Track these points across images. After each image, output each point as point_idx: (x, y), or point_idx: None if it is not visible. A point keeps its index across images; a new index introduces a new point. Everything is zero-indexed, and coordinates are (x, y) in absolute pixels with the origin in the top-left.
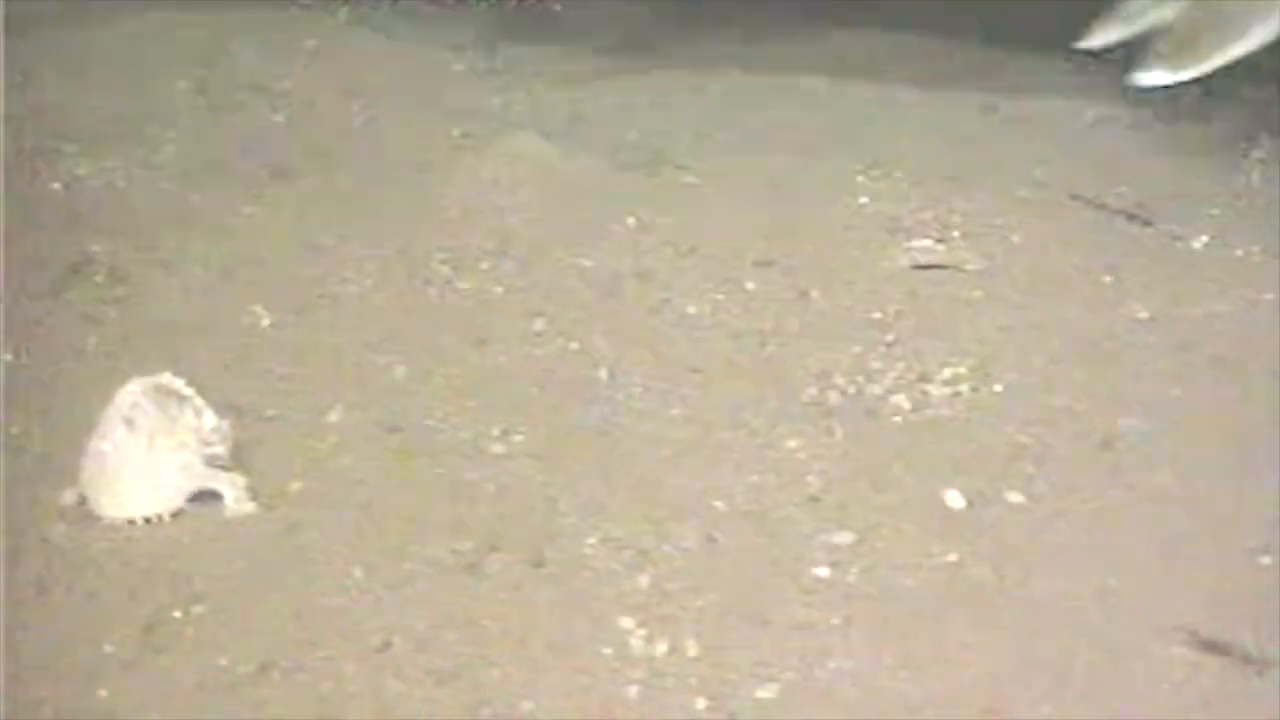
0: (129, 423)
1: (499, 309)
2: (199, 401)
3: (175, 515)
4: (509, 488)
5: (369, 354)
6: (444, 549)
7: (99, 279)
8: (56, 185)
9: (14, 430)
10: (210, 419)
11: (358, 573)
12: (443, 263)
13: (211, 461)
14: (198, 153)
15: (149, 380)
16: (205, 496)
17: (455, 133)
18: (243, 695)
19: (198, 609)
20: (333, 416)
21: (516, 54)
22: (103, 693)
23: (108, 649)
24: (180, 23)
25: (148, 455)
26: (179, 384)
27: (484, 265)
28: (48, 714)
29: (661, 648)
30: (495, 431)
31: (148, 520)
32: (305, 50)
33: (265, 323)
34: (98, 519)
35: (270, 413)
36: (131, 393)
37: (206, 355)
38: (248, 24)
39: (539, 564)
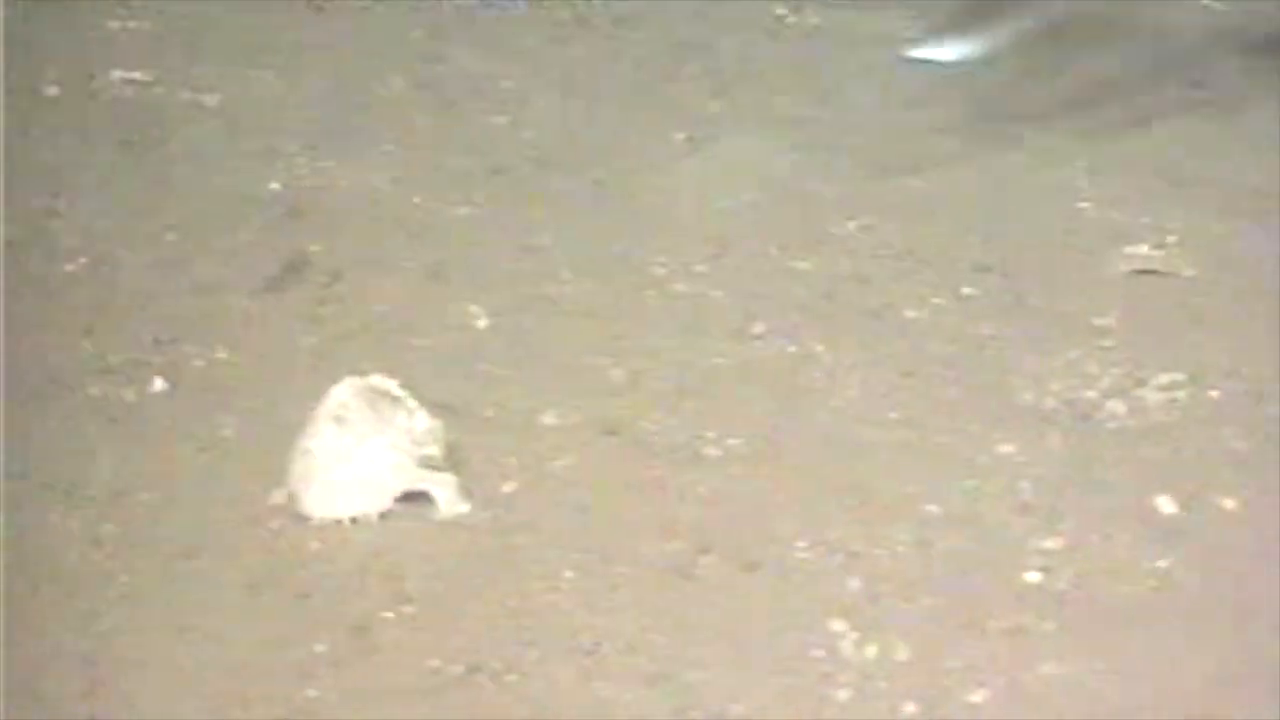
0: (339, 421)
1: (716, 312)
2: (412, 403)
3: (384, 516)
4: (722, 490)
5: (585, 355)
6: (655, 551)
7: (315, 278)
8: (275, 184)
9: (225, 432)
10: (423, 420)
11: (569, 574)
12: (660, 265)
13: (424, 463)
14: (416, 152)
15: (360, 380)
16: (416, 497)
17: (677, 134)
18: (452, 696)
19: (408, 609)
20: (548, 418)
21: (737, 57)
22: (312, 692)
23: (318, 649)
24: (397, 21)
25: (356, 454)
26: (391, 385)
27: (702, 268)
28: (258, 713)
29: (872, 651)
30: (710, 434)
31: (354, 520)
32: (525, 50)
33: (481, 323)
34: (307, 519)
35: (485, 413)
36: (342, 392)
37: (422, 355)
38: (466, 23)
39: (751, 567)
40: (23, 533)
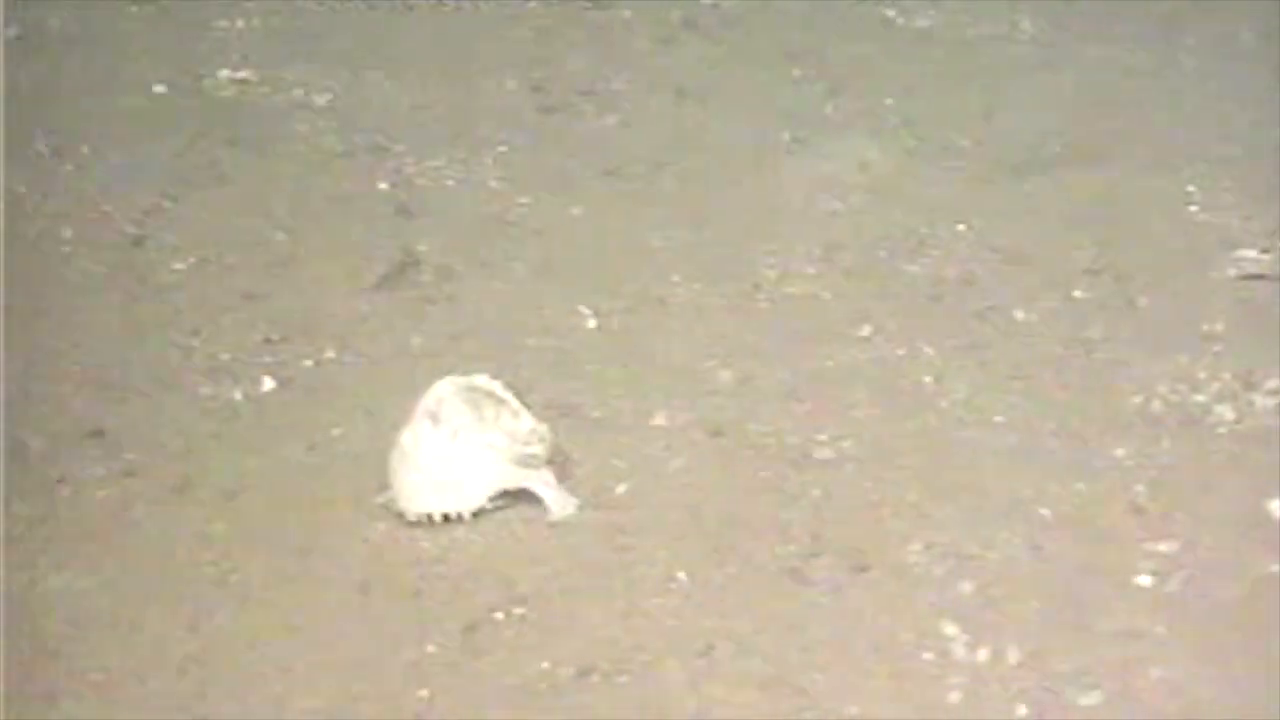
0: (433, 418)
1: (826, 314)
2: (516, 403)
3: (496, 516)
4: (833, 492)
5: (696, 357)
6: (767, 553)
7: (425, 277)
8: (384, 184)
9: (334, 432)
10: (527, 421)
11: (681, 576)
12: (770, 267)
13: (524, 462)
14: (526, 153)
15: (461, 379)
16: (528, 498)
17: (786, 136)
18: (564, 698)
19: (519, 610)
20: (658, 419)
21: (846, 60)
22: (423, 692)
23: (429, 649)
24: (507, 22)
25: (450, 452)
26: (495, 385)
27: (811, 270)
28: (368, 713)
29: (983, 654)
30: (821, 436)
31: (446, 518)
32: (636, 52)
33: (591, 324)
34: (407, 516)
35: (595, 414)
36: (441, 389)
37: (530, 356)
38: (577, 25)
39: (862, 569)
40: (133, 532)
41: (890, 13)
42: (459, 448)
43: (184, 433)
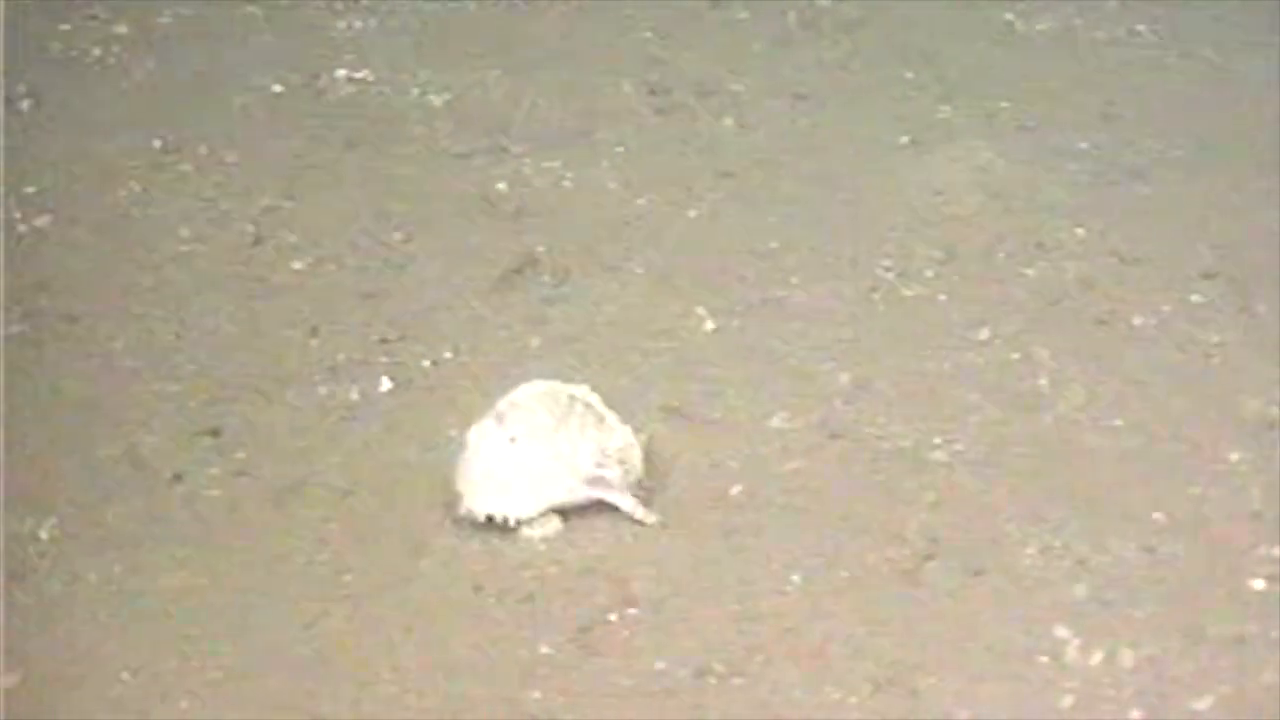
0: (499, 418)
1: (943, 316)
2: (612, 419)
3: (609, 519)
4: (948, 496)
5: (812, 359)
6: (881, 555)
7: (542, 278)
8: (502, 185)
9: (451, 433)
10: (619, 439)
11: (795, 578)
12: (888, 269)
13: (596, 483)
14: (643, 155)
15: (557, 385)
16: (594, 508)
17: (903, 139)
18: (679, 699)
19: (633, 612)
20: (775, 421)
21: (964, 62)
22: (536, 694)
23: (543, 650)
24: (625, 23)
25: (505, 455)
26: (593, 397)
27: (929, 273)
28: (482, 714)
29: (1097, 657)
30: (936, 440)
31: (490, 520)
32: (752, 54)
33: (708, 326)
34: (461, 513)
35: (712, 416)
36: (521, 392)
37: (648, 357)
38: (694, 25)
39: (977, 572)
40: (246, 532)
41: (1009, 16)
42: (518, 452)
43: (300, 432)
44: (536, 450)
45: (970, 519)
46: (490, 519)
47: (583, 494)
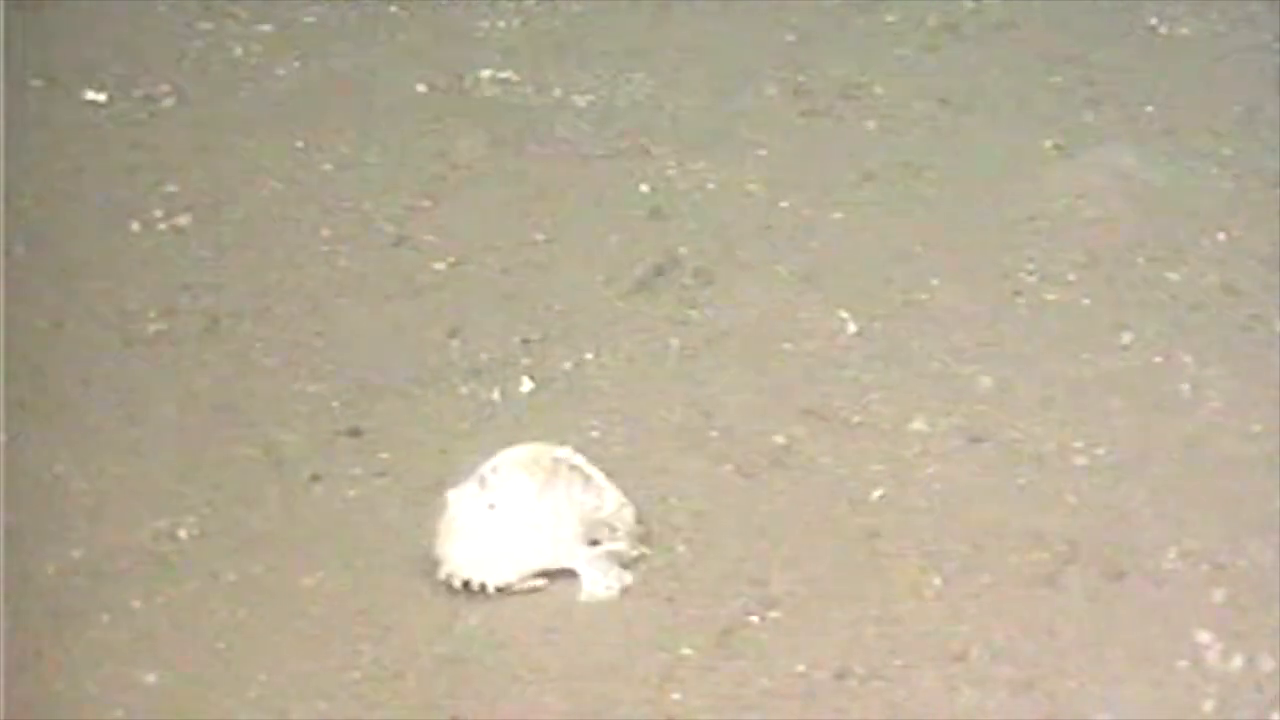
0: (481, 482)
1: (1086, 321)
2: (602, 481)
3: (502, 590)
4: (1089, 499)
5: (955, 362)
6: (1022, 559)
7: (684, 280)
8: (644, 186)
9: (594, 434)
10: (610, 503)
11: (936, 581)
12: (1030, 273)
13: (570, 553)
14: (787, 157)
15: (541, 449)
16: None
17: (1046, 143)
18: (819, 701)
19: (774, 614)
20: (916, 424)
21: (1108, 66)
22: (677, 696)
23: (684, 651)
24: (769, 25)
25: (483, 521)
26: (579, 459)
27: (1072, 276)
28: (622, 715)
29: (1237, 662)
30: (1078, 444)
31: (467, 586)
32: (896, 57)
33: (851, 328)
34: (441, 577)
35: (853, 419)
36: (504, 457)
37: (790, 360)
38: (835, 28)
39: (1117, 576)
40: (385, 532)
41: (1153, 20)
42: (496, 519)
43: (440, 432)
44: (516, 518)
45: (1110, 523)
46: (467, 585)
47: (561, 557)
